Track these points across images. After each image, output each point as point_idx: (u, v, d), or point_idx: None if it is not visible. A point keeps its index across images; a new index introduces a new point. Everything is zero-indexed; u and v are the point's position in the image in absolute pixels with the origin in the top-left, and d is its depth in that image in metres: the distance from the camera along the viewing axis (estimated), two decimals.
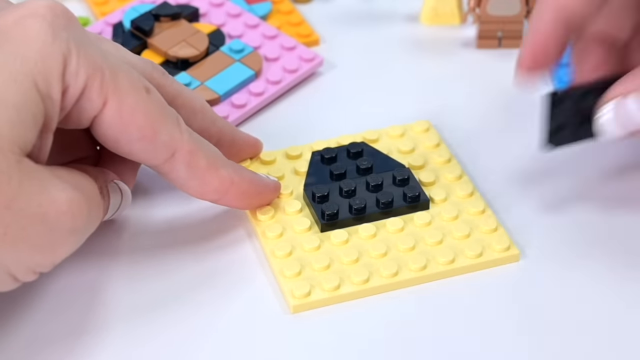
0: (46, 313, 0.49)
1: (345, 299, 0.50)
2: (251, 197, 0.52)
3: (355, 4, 0.69)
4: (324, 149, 0.56)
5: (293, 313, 0.49)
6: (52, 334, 0.48)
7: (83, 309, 0.49)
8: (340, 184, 0.53)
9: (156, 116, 0.48)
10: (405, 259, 0.51)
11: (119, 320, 0.49)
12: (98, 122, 0.47)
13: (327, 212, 0.52)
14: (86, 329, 0.48)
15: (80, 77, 0.46)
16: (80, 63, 0.46)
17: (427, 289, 0.51)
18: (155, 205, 0.54)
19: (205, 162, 0.50)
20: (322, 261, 0.51)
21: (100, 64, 0.46)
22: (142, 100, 0.48)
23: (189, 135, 0.49)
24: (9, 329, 0.48)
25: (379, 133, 0.57)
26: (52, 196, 0.44)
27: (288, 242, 0.52)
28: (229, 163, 0.51)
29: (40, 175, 0.44)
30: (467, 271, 0.51)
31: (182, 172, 0.50)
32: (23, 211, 0.43)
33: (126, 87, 0.47)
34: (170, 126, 0.48)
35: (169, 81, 0.52)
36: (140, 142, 0.48)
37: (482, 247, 0.51)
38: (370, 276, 0.50)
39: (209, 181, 0.50)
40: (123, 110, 0.47)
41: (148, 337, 0.48)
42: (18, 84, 0.44)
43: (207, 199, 0.51)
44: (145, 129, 0.48)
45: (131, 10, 0.64)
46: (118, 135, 0.48)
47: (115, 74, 0.47)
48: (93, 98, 0.46)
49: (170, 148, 0.49)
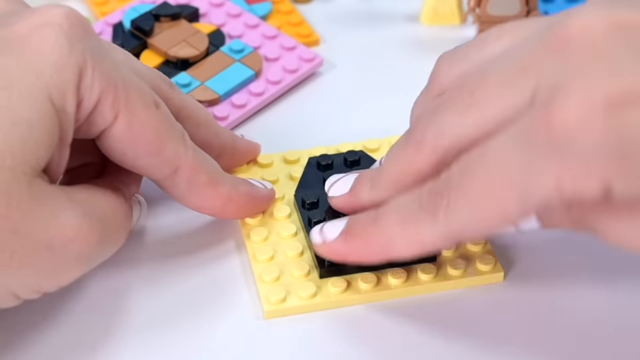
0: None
1: (320, 307, 0.49)
2: (248, 211, 0.53)
3: (355, 4, 0.69)
4: (321, 156, 0.55)
5: (266, 319, 0.49)
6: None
7: (69, 318, 0.49)
8: None
9: (164, 132, 0.48)
10: (386, 272, 0.50)
11: (127, 331, 0.49)
12: (107, 135, 0.47)
13: (314, 220, 0.52)
14: (67, 341, 0.48)
15: (94, 90, 0.45)
16: (95, 76, 0.45)
17: (407, 303, 0.50)
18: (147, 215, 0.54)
19: (206, 178, 0.50)
20: (302, 268, 0.50)
21: (115, 78, 0.46)
22: (152, 116, 0.47)
23: (193, 152, 0.49)
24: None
25: (380, 142, 0.57)
26: (60, 222, 0.44)
27: (271, 246, 0.52)
28: (228, 179, 0.51)
29: (51, 198, 0.44)
30: (450, 287, 0.50)
31: (182, 188, 0.50)
32: (29, 236, 0.43)
33: (137, 103, 0.47)
34: (176, 142, 0.48)
35: (175, 93, 0.52)
36: (146, 158, 0.48)
37: (465, 264, 0.51)
38: (348, 287, 0.50)
39: (208, 197, 0.50)
40: (133, 125, 0.47)
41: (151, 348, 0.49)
42: (33, 99, 0.44)
43: (205, 213, 0.52)
44: (153, 144, 0.47)
45: (131, 10, 0.64)
46: (125, 149, 0.47)
47: (128, 88, 0.47)
48: (105, 112, 0.46)
49: (174, 164, 0.49)
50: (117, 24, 0.64)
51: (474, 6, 0.65)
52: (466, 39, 0.66)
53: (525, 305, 0.50)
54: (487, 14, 0.65)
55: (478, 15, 0.65)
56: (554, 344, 0.48)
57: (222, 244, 0.53)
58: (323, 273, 0.50)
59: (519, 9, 0.64)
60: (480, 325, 0.49)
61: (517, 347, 0.48)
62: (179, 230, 0.53)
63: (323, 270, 0.50)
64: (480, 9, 0.65)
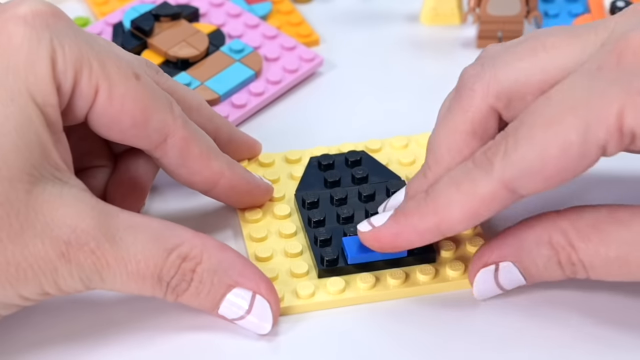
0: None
1: (319, 307, 0.49)
2: (241, 194, 0.52)
3: (355, 4, 0.69)
4: (322, 155, 0.55)
5: None
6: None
7: (58, 312, 0.49)
8: (331, 191, 0.53)
9: (147, 102, 0.48)
10: (384, 272, 0.50)
11: (123, 324, 0.49)
12: (92, 113, 0.47)
13: (313, 220, 0.52)
14: (65, 339, 0.48)
15: (69, 73, 0.46)
16: (67, 59, 0.45)
17: (406, 304, 0.50)
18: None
19: (199, 150, 0.50)
20: (301, 268, 0.50)
21: (86, 53, 0.46)
22: (133, 87, 0.47)
23: (184, 122, 0.49)
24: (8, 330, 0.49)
25: (382, 143, 0.57)
26: (59, 229, 0.44)
27: (271, 245, 0.52)
28: (223, 156, 0.51)
29: (45, 209, 0.44)
30: (448, 289, 0.50)
31: (174, 158, 0.49)
32: (29, 247, 0.43)
33: (115, 75, 0.47)
34: (162, 111, 0.48)
35: (163, 78, 0.52)
36: (132, 129, 0.48)
37: (464, 265, 0.50)
38: (346, 287, 0.50)
39: (200, 170, 0.50)
40: (114, 97, 0.47)
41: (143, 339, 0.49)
42: (15, 104, 0.44)
43: (196, 188, 0.51)
44: (137, 115, 0.47)
45: (131, 10, 0.64)
46: (111, 123, 0.47)
47: (103, 62, 0.47)
48: (84, 89, 0.46)
49: (162, 133, 0.48)
50: (117, 24, 0.64)
51: (474, 6, 0.65)
52: (466, 39, 0.66)
53: (525, 305, 0.50)
54: (487, 14, 0.65)
55: (478, 15, 0.65)
56: (554, 344, 0.48)
57: (221, 234, 0.53)
58: (322, 273, 0.50)
59: (519, 9, 0.64)
60: (479, 326, 0.49)
61: (517, 348, 0.48)
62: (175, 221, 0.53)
63: (322, 270, 0.50)
64: (480, 9, 0.65)
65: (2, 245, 0.43)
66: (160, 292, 0.46)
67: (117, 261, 0.45)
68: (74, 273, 0.44)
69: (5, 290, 0.44)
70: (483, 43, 0.65)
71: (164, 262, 0.45)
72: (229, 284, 0.47)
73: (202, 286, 0.46)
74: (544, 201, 0.51)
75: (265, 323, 0.47)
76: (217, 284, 0.47)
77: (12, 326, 0.48)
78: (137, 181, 0.52)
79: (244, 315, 0.47)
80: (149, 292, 0.46)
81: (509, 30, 0.65)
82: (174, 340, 0.48)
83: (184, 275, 0.46)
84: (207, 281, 0.46)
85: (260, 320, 0.47)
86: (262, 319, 0.47)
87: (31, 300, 0.45)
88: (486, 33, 0.65)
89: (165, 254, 0.45)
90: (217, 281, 0.47)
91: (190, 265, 0.46)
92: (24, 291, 0.44)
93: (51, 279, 0.44)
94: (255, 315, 0.47)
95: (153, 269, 0.45)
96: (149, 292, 0.46)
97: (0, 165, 0.43)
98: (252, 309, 0.47)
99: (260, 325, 0.47)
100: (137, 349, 0.48)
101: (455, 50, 0.66)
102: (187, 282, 0.46)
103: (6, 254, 0.43)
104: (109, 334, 0.48)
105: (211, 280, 0.46)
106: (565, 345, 0.48)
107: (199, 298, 0.47)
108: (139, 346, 0.48)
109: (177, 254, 0.46)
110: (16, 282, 0.43)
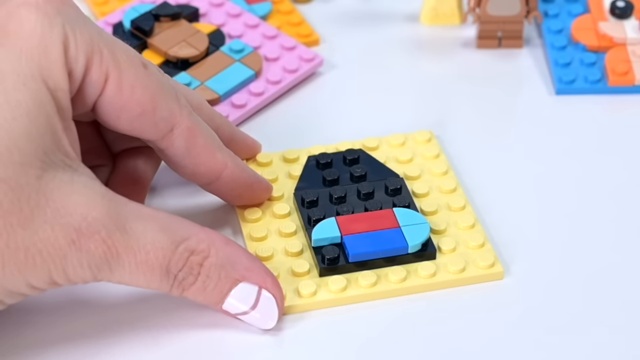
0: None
1: (320, 306, 0.50)
2: (242, 188, 0.52)
3: (355, 4, 0.69)
4: (320, 154, 0.56)
5: None
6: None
7: (54, 315, 0.49)
8: (330, 190, 0.53)
9: (155, 90, 0.48)
10: (385, 270, 0.50)
11: (125, 325, 0.49)
12: (101, 102, 0.47)
13: (313, 218, 0.52)
14: (64, 336, 0.48)
15: (80, 59, 0.46)
16: (79, 45, 0.46)
17: (407, 301, 0.50)
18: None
19: (204, 141, 0.50)
20: (302, 267, 0.50)
21: (97, 41, 0.46)
22: (142, 75, 0.47)
23: (189, 113, 0.49)
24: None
25: (379, 141, 0.57)
26: (71, 217, 0.44)
27: (271, 244, 0.52)
28: (225, 149, 0.51)
29: (62, 189, 0.44)
30: (449, 286, 0.50)
31: (180, 149, 0.49)
32: (39, 232, 0.43)
33: (125, 63, 0.47)
34: (169, 101, 0.48)
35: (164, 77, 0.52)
36: (141, 118, 0.48)
37: (465, 262, 0.51)
38: (348, 285, 0.50)
39: (204, 161, 0.50)
40: (123, 85, 0.47)
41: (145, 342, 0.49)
42: (28, 88, 0.44)
43: (199, 180, 0.51)
44: (145, 103, 0.48)
45: (131, 10, 0.64)
46: (120, 112, 0.47)
47: (113, 50, 0.47)
48: (95, 77, 0.46)
49: (169, 123, 0.49)
50: (117, 24, 0.64)
51: (474, 6, 0.65)
52: (466, 39, 0.66)
53: (525, 303, 0.50)
54: (487, 14, 0.65)
55: (478, 15, 0.65)
56: (553, 342, 0.48)
57: (220, 232, 0.53)
58: (323, 271, 0.50)
59: (519, 9, 0.64)
60: (480, 323, 0.49)
61: (517, 345, 0.48)
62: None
63: (323, 268, 0.50)
64: (480, 9, 0.65)
65: (12, 229, 0.43)
66: (166, 285, 0.46)
67: (126, 251, 0.45)
68: (83, 261, 0.44)
69: (13, 276, 0.43)
70: (483, 43, 0.65)
71: (173, 254, 0.45)
72: (235, 279, 0.47)
73: (209, 280, 0.46)
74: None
75: (270, 319, 0.48)
76: (224, 278, 0.47)
77: (12, 326, 0.48)
78: (136, 180, 0.52)
79: (247, 310, 0.47)
80: (156, 285, 0.46)
81: (509, 30, 0.65)
82: (175, 340, 0.48)
83: (192, 269, 0.46)
84: (214, 275, 0.46)
85: (265, 316, 0.47)
86: (267, 314, 0.47)
87: (38, 290, 0.45)
88: (486, 33, 0.65)
89: (173, 245, 0.45)
90: (224, 276, 0.47)
91: (198, 259, 0.46)
92: (31, 279, 0.44)
93: (60, 266, 0.44)
94: (260, 311, 0.47)
95: (162, 259, 0.45)
96: (156, 284, 0.46)
97: (12, 149, 0.43)
98: (257, 304, 0.47)
99: (264, 321, 0.48)
100: (138, 349, 0.48)
101: (455, 50, 0.66)
102: (195, 275, 0.46)
103: (16, 239, 0.43)
104: (109, 334, 0.48)
105: (218, 275, 0.46)
106: (566, 342, 0.48)
107: (205, 292, 0.47)
108: (140, 346, 0.48)
109: (185, 247, 0.46)
110: (25, 268, 0.43)
